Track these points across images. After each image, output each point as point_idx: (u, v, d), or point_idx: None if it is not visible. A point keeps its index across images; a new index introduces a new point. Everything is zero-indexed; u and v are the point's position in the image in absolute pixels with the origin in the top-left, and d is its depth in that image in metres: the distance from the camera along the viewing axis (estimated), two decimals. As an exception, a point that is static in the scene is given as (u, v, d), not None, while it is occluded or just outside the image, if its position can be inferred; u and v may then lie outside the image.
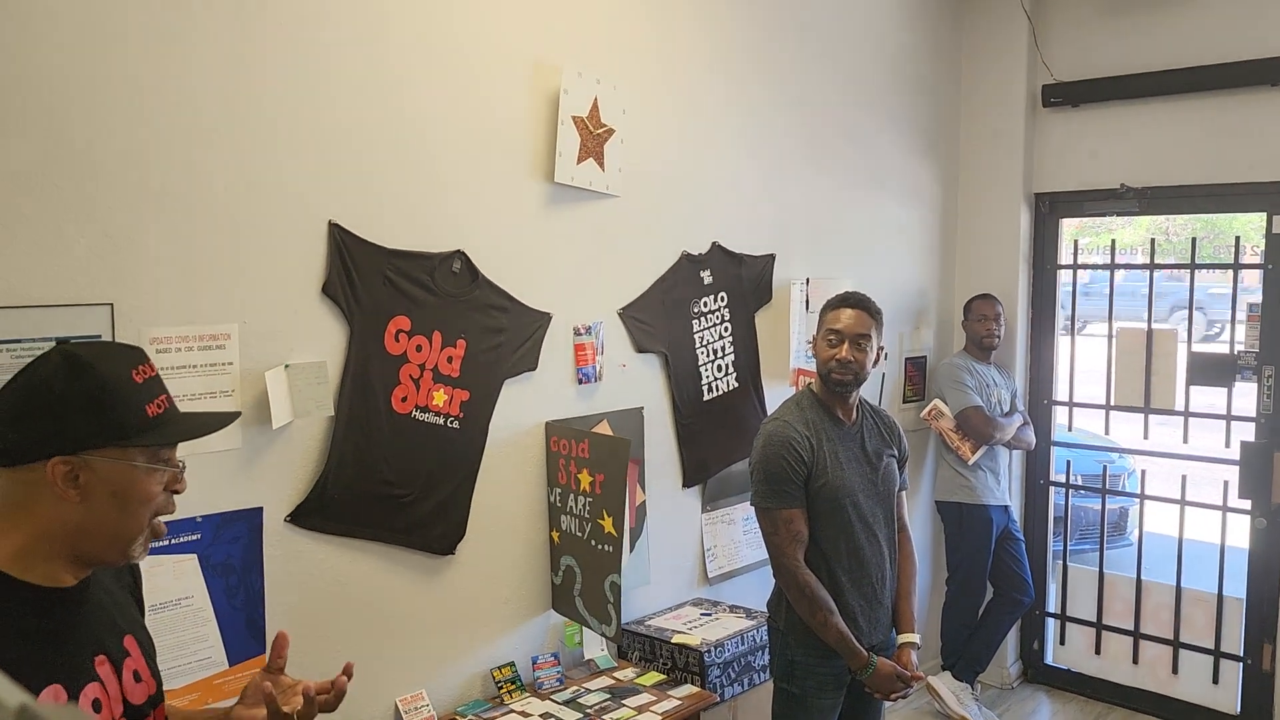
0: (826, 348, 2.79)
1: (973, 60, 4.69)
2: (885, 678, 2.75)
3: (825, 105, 3.97)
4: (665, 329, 3.37)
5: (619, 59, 3.15)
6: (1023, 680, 4.90)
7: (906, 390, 4.58)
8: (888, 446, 2.90)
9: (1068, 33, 4.48)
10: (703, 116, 3.46)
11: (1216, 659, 4.37)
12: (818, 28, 3.92)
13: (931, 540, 4.75)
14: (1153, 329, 4.42)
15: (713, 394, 3.55)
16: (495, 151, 2.83)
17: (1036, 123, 4.61)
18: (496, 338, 2.85)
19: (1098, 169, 4.46)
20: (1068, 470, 4.82)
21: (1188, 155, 4.21)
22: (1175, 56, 4.17)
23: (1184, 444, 4.39)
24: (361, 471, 2.56)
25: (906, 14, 4.38)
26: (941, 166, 4.67)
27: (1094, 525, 4.94)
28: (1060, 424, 4.86)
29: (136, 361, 1.33)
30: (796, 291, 3.77)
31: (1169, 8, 4.17)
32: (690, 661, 3.07)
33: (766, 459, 2.74)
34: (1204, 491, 4.39)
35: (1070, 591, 4.79)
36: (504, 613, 2.95)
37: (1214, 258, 4.22)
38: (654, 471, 3.39)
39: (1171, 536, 4.47)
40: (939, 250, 4.73)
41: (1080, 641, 4.78)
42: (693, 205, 3.45)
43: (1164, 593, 4.52)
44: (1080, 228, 5.27)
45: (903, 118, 4.40)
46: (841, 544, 2.77)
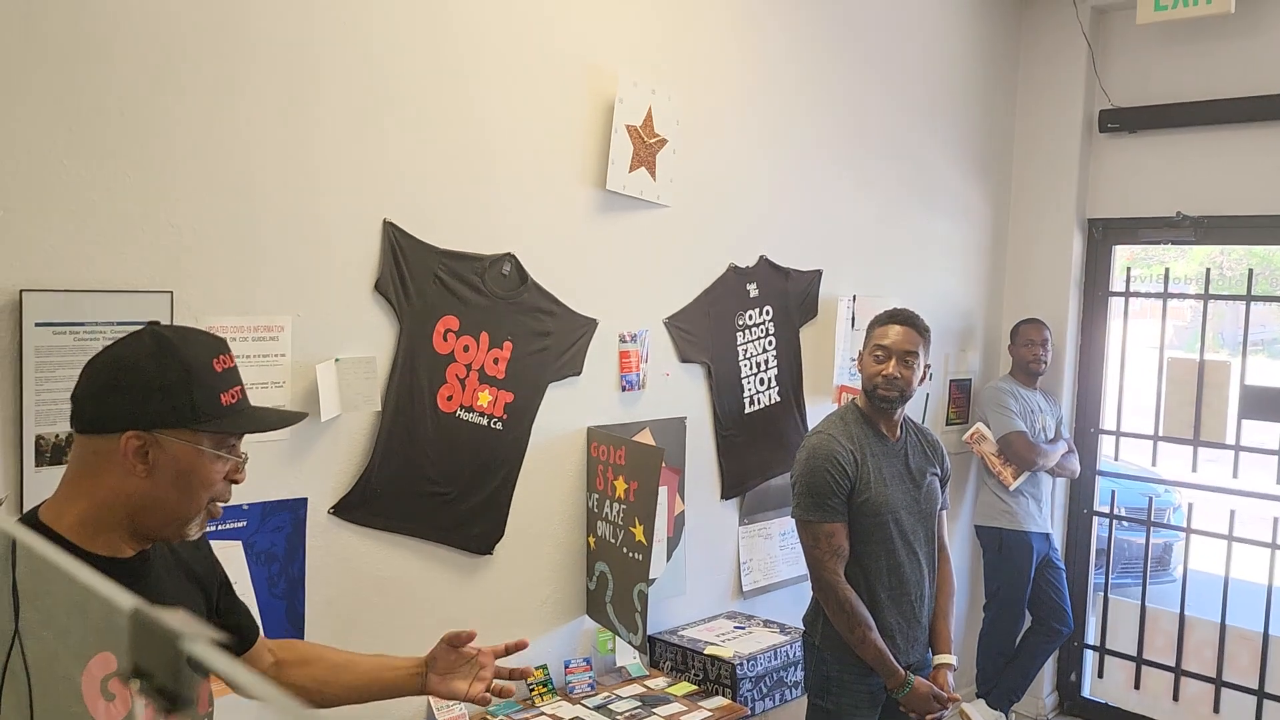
0: (873, 363, 2.78)
1: (1029, 82, 4.66)
2: (922, 698, 2.72)
3: (877, 123, 3.97)
4: (709, 340, 3.37)
5: (674, 70, 3.17)
6: (1058, 712, 4.82)
7: (950, 413, 4.54)
8: (931, 465, 2.88)
9: (1126, 58, 4.44)
10: (754, 131, 3.47)
11: (1260, 699, 4.27)
12: (871, 45, 3.92)
13: (970, 565, 4.70)
14: (1205, 360, 4.35)
15: (754, 407, 3.54)
16: (549, 156, 2.86)
17: (1092, 147, 4.57)
18: (542, 341, 2.87)
19: (1154, 196, 4.40)
20: (1112, 500, 4.74)
21: (1246, 185, 4.15)
22: (1235, 85, 4.12)
23: (1234, 479, 4.30)
24: (405, 468, 2.59)
25: (963, 35, 4.37)
26: (993, 188, 4.64)
27: (1137, 558, 4.86)
28: (1107, 454, 4.79)
29: (218, 351, 1.37)
30: (843, 308, 3.76)
31: (1229, 36, 4.12)
32: (722, 674, 3.06)
33: (810, 471, 2.73)
34: (1253, 528, 4.30)
35: (1110, 624, 4.72)
36: (539, 615, 2.96)
37: (1270, 292, 4.14)
38: (694, 482, 3.39)
39: (1217, 574, 4.38)
40: (988, 272, 4.69)
41: (1119, 675, 4.69)
42: (741, 218, 3.45)
43: (1208, 629, 4.43)
44: (1132, 258, 5.21)
45: (955, 138, 4.38)
46: (882, 560, 2.75)
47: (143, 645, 0.64)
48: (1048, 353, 4.39)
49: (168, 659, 0.62)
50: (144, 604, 0.66)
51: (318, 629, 2.47)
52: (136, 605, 0.65)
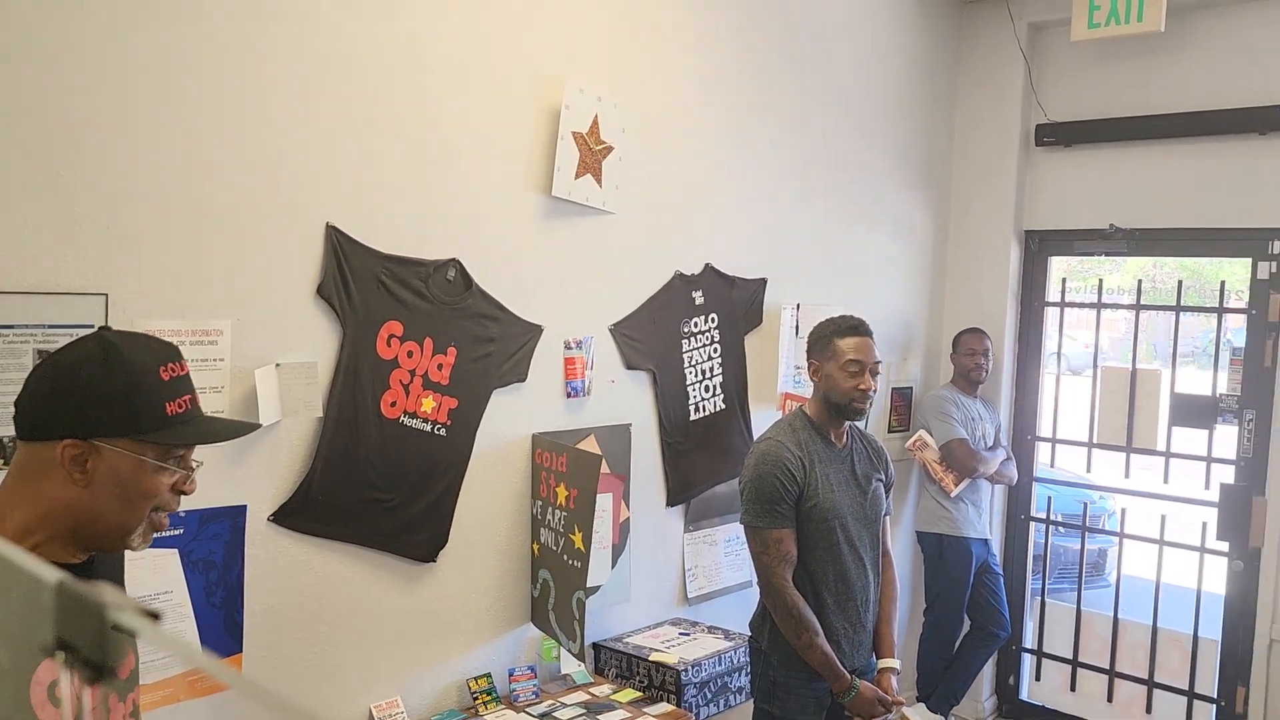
0: (848, 377, 2.77)
1: (968, 97, 4.76)
2: (867, 701, 2.76)
3: (821, 135, 4.02)
4: (655, 347, 3.38)
5: (620, 78, 3.18)
6: (997, 715, 4.90)
7: (892, 420, 4.60)
8: (876, 471, 2.92)
9: (1062, 74, 4.55)
10: (700, 140, 3.50)
11: (1190, 700, 4.39)
12: (816, 60, 3.97)
13: (911, 571, 4.76)
14: (1137, 369, 4.47)
15: (700, 414, 3.56)
16: (495, 162, 2.85)
17: (1029, 161, 4.67)
18: (487, 347, 2.86)
19: (1088, 209, 4.51)
20: (1048, 507, 4.84)
21: (1176, 199, 4.27)
22: (1166, 102, 4.25)
23: (1164, 484, 4.42)
24: (347, 474, 2.56)
25: (904, 50, 4.44)
26: (934, 199, 4.72)
27: (1073, 564, 4.96)
28: (1043, 461, 4.89)
29: (167, 359, 1.34)
30: (787, 316, 3.80)
31: (1161, 54, 4.24)
32: (667, 680, 3.06)
33: (759, 478, 2.74)
34: (1183, 533, 4.42)
35: (1047, 628, 4.81)
36: (483, 623, 2.94)
37: (1199, 302, 4.27)
38: (639, 489, 3.39)
39: (1149, 578, 4.49)
40: (929, 282, 4.77)
41: (1056, 678, 4.79)
42: (687, 226, 3.48)
43: (1140, 632, 4.54)
44: (1070, 270, 5.33)
45: (897, 151, 4.45)
46: (829, 566, 2.78)
47: (68, 618, 0.64)
48: (988, 361, 4.47)
49: (93, 630, 0.62)
50: (69, 577, 0.65)
51: (257, 638, 2.44)
52: (61, 578, 0.65)
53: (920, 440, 4.43)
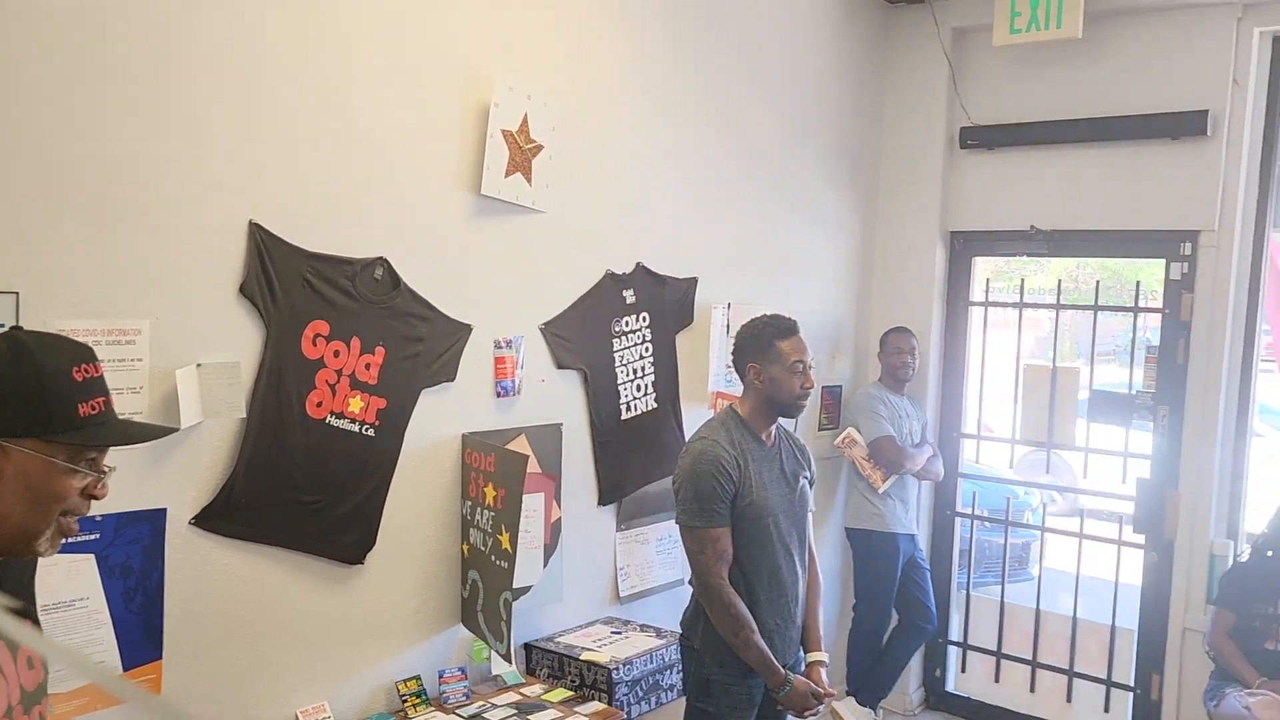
0: (793, 378, 2.81)
1: (895, 99, 4.84)
2: (801, 695, 2.80)
3: (752, 137, 4.06)
4: (586, 346, 3.38)
5: (551, 77, 3.18)
6: (925, 707, 4.99)
7: (822, 418, 4.66)
8: (802, 468, 2.96)
9: (986, 78, 4.65)
10: (631, 139, 3.51)
11: (1108, 689, 4.53)
12: (746, 61, 4.01)
13: (841, 566, 4.83)
14: (1057, 367, 4.59)
15: (631, 413, 3.57)
16: (423, 160, 2.83)
17: (954, 163, 4.77)
18: (416, 346, 2.83)
19: (1010, 210, 4.62)
20: (973, 502, 4.95)
21: (1094, 201, 4.39)
22: (1085, 106, 4.36)
23: (1083, 479, 4.55)
24: (272, 476, 2.52)
25: (832, 53, 4.50)
26: (862, 201, 4.79)
27: (998, 558, 5.08)
28: (968, 457, 4.99)
29: (81, 359, 1.30)
30: (718, 315, 3.83)
31: (1080, 61, 4.36)
32: (598, 679, 3.06)
33: (696, 477, 2.75)
34: (1101, 526, 4.55)
35: (972, 621, 4.92)
36: (412, 625, 2.92)
37: (1120, 302, 4.41)
38: (570, 488, 3.39)
39: (1070, 571, 4.62)
40: (857, 282, 4.84)
41: (980, 670, 4.90)
42: (618, 225, 3.48)
43: (1061, 623, 4.67)
44: (996, 272, 5.46)
45: (826, 151, 4.51)
46: (763, 563, 2.80)
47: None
48: (914, 360, 4.55)
49: None
50: None
51: (179, 644, 2.38)
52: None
53: (849, 438, 4.50)
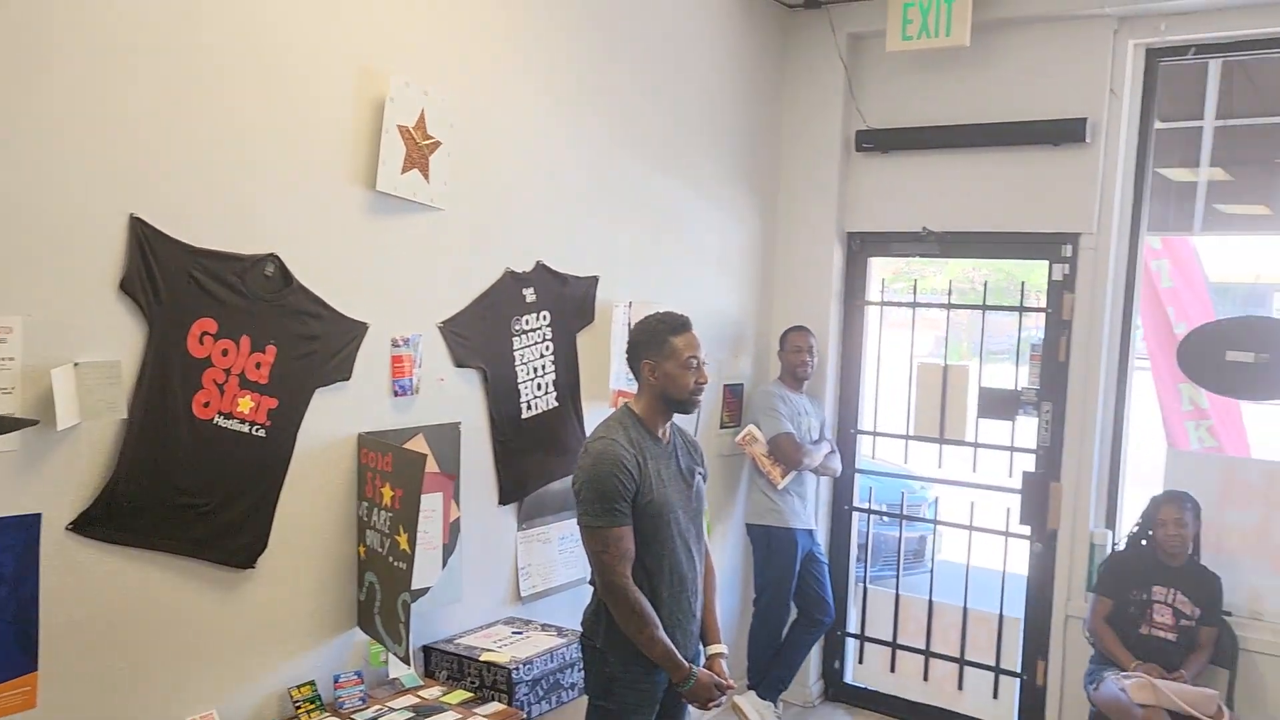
0: (688, 373, 2.84)
1: (793, 102, 4.92)
2: (704, 687, 2.83)
3: (654, 136, 4.08)
4: (485, 345, 3.36)
5: (449, 72, 3.15)
6: (824, 699, 5.09)
7: (724, 416, 4.72)
8: (696, 464, 3.00)
9: (881, 83, 4.77)
10: (532, 137, 3.50)
11: (997, 675, 4.69)
12: (647, 62, 4.03)
13: (741, 562, 4.90)
14: (949, 365, 4.73)
15: (532, 412, 3.56)
16: (316, 154, 2.77)
17: (850, 165, 4.87)
18: (309, 345, 2.77)
19: (904, 212, 4.75)
20: (870, 497, 5.07)
21: (982, 204, 4.55)
22: (973, 112, 4.51)
23: (973, 473, 4.71)
24: (155, 479, 2.44)
25: (732, 56, 4.56)
26: (762, 201, 4.87)
27: (894, 551, 5.21)
28: (865, 453, 5.12)
29: None
30: (619, 314, 3.84)
31: (969, 68, 4.50)
32: (498, 679, 3.05)
33: (598, 477, 2.74)
34: (990, 518, 4.71)
35: (869, 613, 5.04)
36: (306, 629, 2.86)
37: (1007, 302, 4.59)
38: (470, 488, 3.36)
39: (961, 562, 4.77)
40: (758, 281, 4.91)
41: (877, 661, 5.02)
42: (518, 223, 3.47)
43: (953, 613, 4.82)
44: (895, 274, 5.61)
45: (726, 152, 4.57)
46: (664, 560, 2.82)
47: None
48: (813, 358, 4.64)
49: None
50: None
51: (57, 655, 2.29)
52: None
53: (749, 435, 4.56)
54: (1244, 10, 3.98)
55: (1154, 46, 4.23)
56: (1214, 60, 4.24)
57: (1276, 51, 4.04)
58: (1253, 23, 3.97)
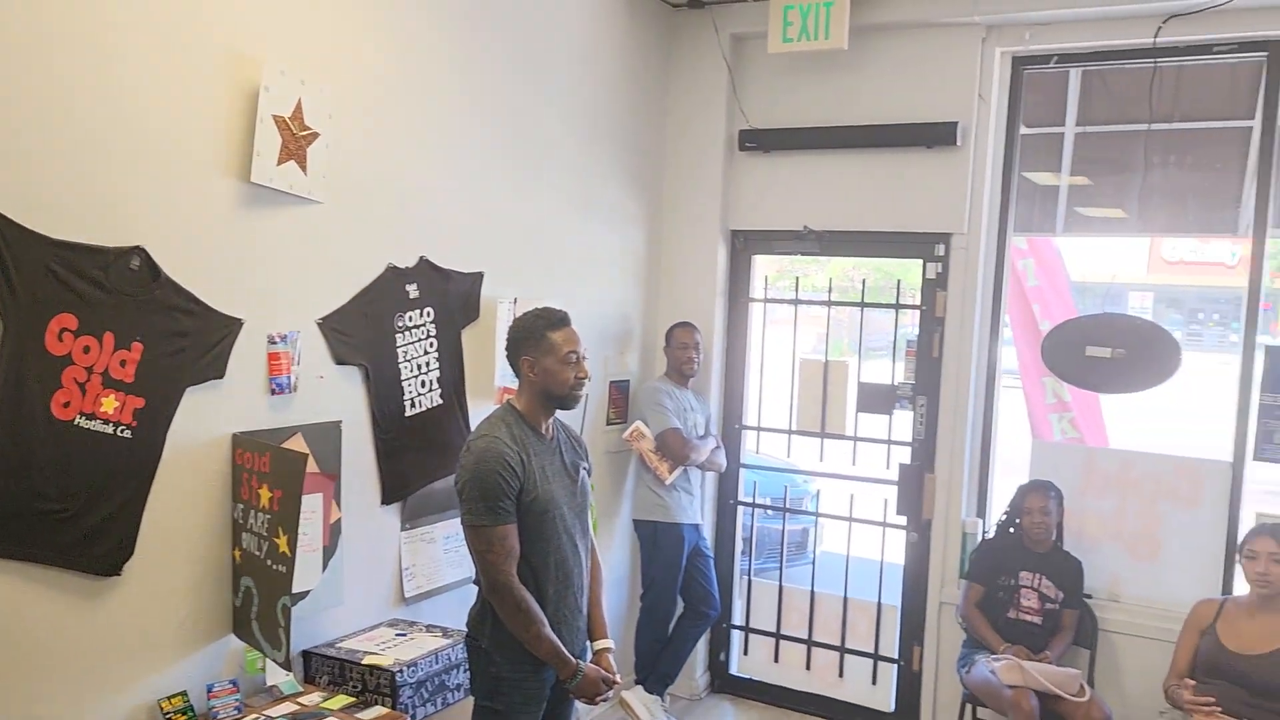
0: (568, 368, 2.83)
1: (678, 101, 4.97)
2: (592, 682, 2.84)
3: (539, 132, 4.06)
4: (367, 341, 3.29)
5: (327, 62, 3.07)
6: (710, 691, 5.16)
7: (610, 413, 4.73)
8: (581, 459, 3.00)
9: (763, 83, 4.85)
10: (414, 130, 3.44)
11: (875, 662, 4.83)
12: (533, 57, 4.01)
13: (629, 558, 4.92)
14: (829, 361, 4.85)
15: (416, 409, 3.50)
16: (185, 144, 2.66)
17: (733, 164, 4.95)
18: (179, 342, 2.66)
19: (785, 211, 4.84)
20: (754, 492, 5.16)
21: (860, 204, 4.67)
22: (852, 114, 4.63)
23: (853, 466, 4.83)
24: (9, 482, 2.31)
25: (617, 54, 4.57)
26: (648, 199, 4.90)
27: (778, 544, 5.31)
28: (749, 448, 5.20)
29: None
30: (504, 310, 3.81)
31: (847, 70, 4.62)
32: (381, 683, 2.99)
33: (481, 475, 2.72)
34: (868, 509, 4.85)
35: (754, 605, 5.13)
36: (177, 638, 2.74)
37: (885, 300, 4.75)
38: (351, 488, 3.29)
39: (842, 553, 4.90)
40: (644, 278, 4.94)
41: (762, 651, 5.12)
42: (401, 218, 3.40)
43: (834, 603, 4.94)
44: (778, 271, 5.71)
45: (612, 150, 4.58)
46: (550, 557, 2.81)
47: None
48: (699, 354, 4.69)
49: None
50: None
51: (-105, 674, 2.14)
52: None
53: (637, 431, 4.58)
54: (1102, 23, 4.19)
55: (1019, 55, 4.43)
56: (1075, 69, 4.46)
57: (1131, 62, 4.27)
58: (1110, 34, 4.19)
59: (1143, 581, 4.27)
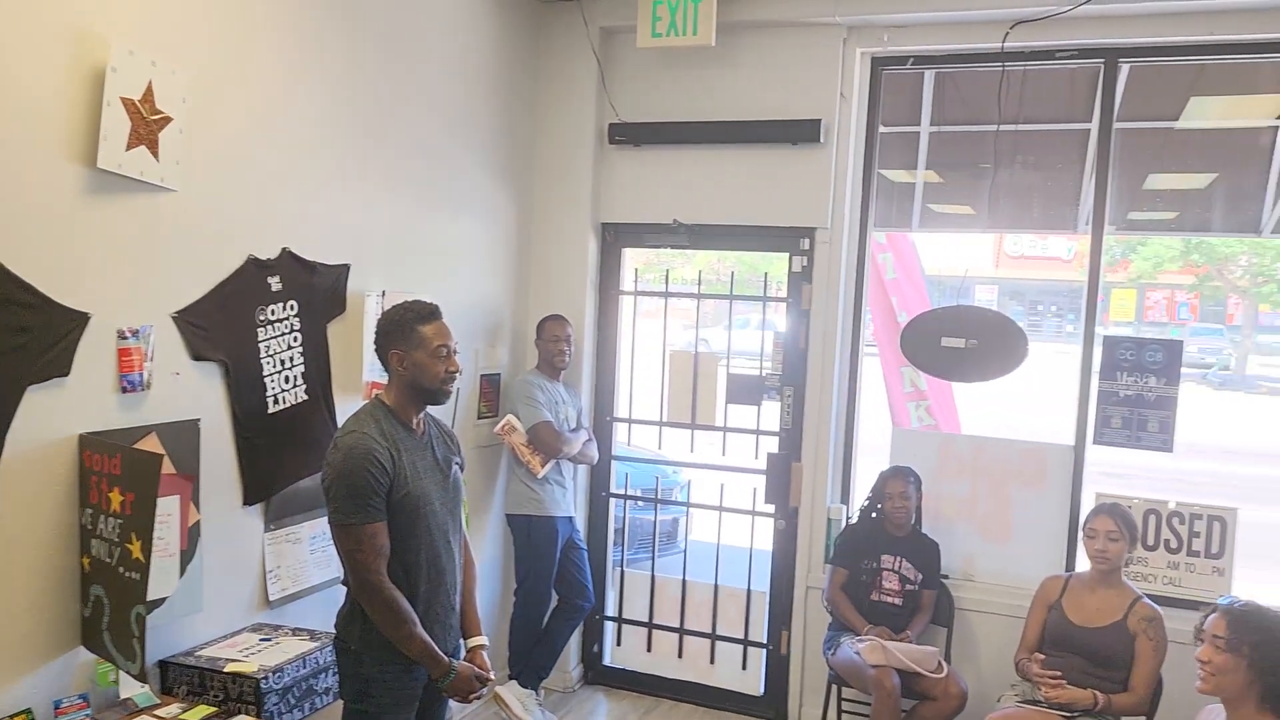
0: (438, 362, 2.77)
1: (548, 94, 4.94)
2: (465, 680, 2.80)
3: (405, 120, 3.98)
4: (227, 336, 3.16)
5: (180, 43, 2.92)
6: (584, 682, 5.17)
7: (481, 406, 4.68)
8: (453, 454, 2.96)
9: (633, 77, 4.87)
10: (275, 117, 3.31)
11: (745, 647, 4.93)
12: (400, 48, 3.92)
13: (502, 553, 4.88)
14: (699, 353, 4.92)
15: (279, 406, 3.38)
16: (23, 126, 2.49)
17: (604, 157, 4.95)
18: (18, 338, 2.50)
19: (656, 204, 4.88)
20: (626, 483, 5.19)
21: (728, 199, 4.75)
22: (720, 109, 4.70)
23: (723, 456, 4.92)
24: None
25: (486, 45, 4.52)
26: (518, 191, 4.86)
27: (650, 535, 5.36)
28: (621, 439, 5.23)
29: None
30: (372, 303, 3.72)
31: (716, 67, 4.69)
32: (245, 691, 2.88)
33: (349, 473, 2.65)
34: (738, 498, 4.95)
35: (627, 596, 5.17)
36: (20, 653, 2.58)
37: (750, 292, 4.85)
38: (211, 489, 3.15)
39: (712, 542, 4.98)
40: (514, 271, 4.90)
41: (635, 641, 5.16)
42: (262, 208, 3.28)
43: (705, 591, 5.02)
44: (647, 264, 5.75)
45: (482, 142, 4.52)
46: (422, 554, 2.76)
47: None
48: (570, 347, 4.69)
49: None
50: None
51: None
52: None
53: (508, 425, 4.55)
54: (954, 27, 4.38)
55: (878, 55, 4.58)
56: (929, 71, 4.64)
57: (981, 66, 4.47)
58: (962, 38, 4.38)
59: (995, 561, 4.50)
